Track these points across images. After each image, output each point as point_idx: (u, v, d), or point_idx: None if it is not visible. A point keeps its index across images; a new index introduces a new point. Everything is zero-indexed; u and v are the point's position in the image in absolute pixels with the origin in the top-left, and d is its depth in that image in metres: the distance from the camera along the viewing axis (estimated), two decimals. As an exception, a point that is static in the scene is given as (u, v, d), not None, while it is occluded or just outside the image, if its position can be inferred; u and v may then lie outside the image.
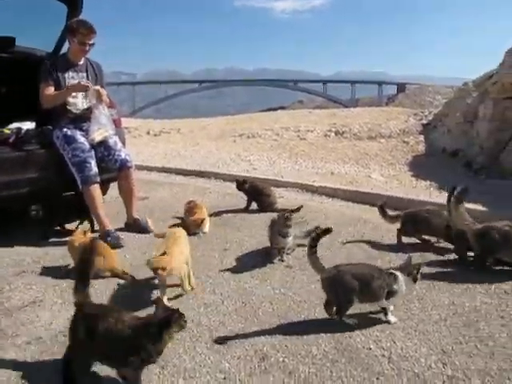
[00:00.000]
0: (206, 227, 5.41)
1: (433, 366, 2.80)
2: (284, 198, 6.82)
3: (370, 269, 3.35)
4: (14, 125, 5.66)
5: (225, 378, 2.73)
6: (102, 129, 5.26)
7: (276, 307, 3.58)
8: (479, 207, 5.92)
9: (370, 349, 3.00)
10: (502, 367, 2.76)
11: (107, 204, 5.72)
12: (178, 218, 5.92)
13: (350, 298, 3.21)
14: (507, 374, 2.71)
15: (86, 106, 5.32)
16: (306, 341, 3.09)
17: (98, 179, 5.16)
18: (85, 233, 4.46)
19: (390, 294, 3.26)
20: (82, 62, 5.42)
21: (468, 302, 3.57)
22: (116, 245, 4.75)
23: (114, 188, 5.79)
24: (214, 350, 3.01)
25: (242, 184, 6.32)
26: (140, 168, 9.48)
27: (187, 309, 3.53)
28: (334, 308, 3.32)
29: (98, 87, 5.24)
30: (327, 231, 3.43)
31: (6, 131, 5.49)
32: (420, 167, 8.99)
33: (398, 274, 3.32)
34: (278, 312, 3.50)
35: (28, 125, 5.80)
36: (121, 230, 5.41)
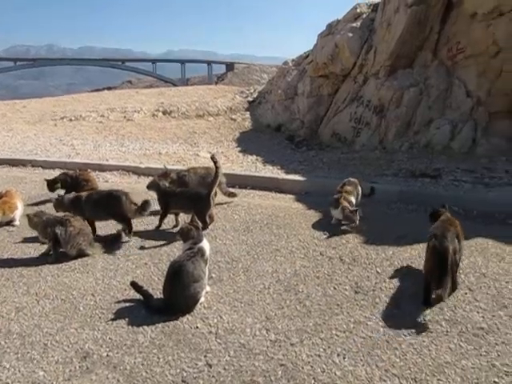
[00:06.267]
0: (17, 219, 4.89)
1: (257, 333, 2.90)
2: (109, 183, 6.48)
3: None
4: None
5: (39, 389, 2.47)
6: None
7: (99, 299, 3.36)
8: (299, 177, 6.33)
9: (198, 327, 2.99)
10: (317, 323, 2.99)
11: None
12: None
13: None
14: (321, 328, 2.94)
15: None
16: (132, 330, 2.96)
17: None
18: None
19: None
20: None
21: (289, 268, 3.78)
22: None
23: None
24: (25, 360, 2.69)
25: (52, 184, 5.81)
26: None
27: (-7, 317, 3.14)
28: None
29: None
30: None
31: None
32: (247, 143, 9.29)
33: None
34: (101, 304, 3.29)
35: None
36: None
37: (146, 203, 4.54)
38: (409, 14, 8.62)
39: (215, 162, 4.65)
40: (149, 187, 4.94)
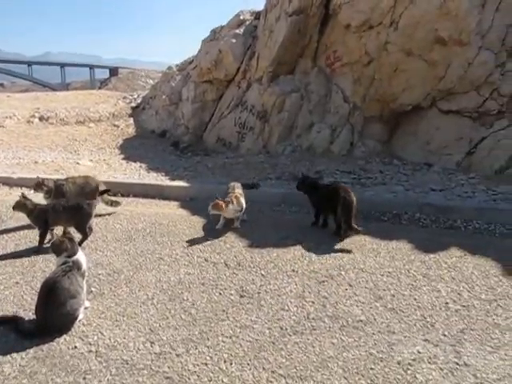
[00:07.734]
0: None
1: (141, 347, 2.75)
2: (-25, 195, 5.88)
3: None
4: None
5: None
6: None
7: (-44, 330, 2.96)
8: (184, 183, 6.23)
9: (76, 347, 2.75)
10: (203, 330, 2.91)
11: None
12: None
13: None
14: (207, 335, 2.87)
15: None
16: (-4, 360, 2.64)
17: None
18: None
19: None
20: None
21: (173, 276, 3.66)
22: None
23: None
24: None
25: None
26: None
27: None
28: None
29: None
30: None
31: None
32: (130, 150, 9.01)
33: None
34: (-42, 336, 2.90)
35: None
36: None
37: None
38: (289, 22, 8.95)
39: None
40: (15, 208, 4.26)
